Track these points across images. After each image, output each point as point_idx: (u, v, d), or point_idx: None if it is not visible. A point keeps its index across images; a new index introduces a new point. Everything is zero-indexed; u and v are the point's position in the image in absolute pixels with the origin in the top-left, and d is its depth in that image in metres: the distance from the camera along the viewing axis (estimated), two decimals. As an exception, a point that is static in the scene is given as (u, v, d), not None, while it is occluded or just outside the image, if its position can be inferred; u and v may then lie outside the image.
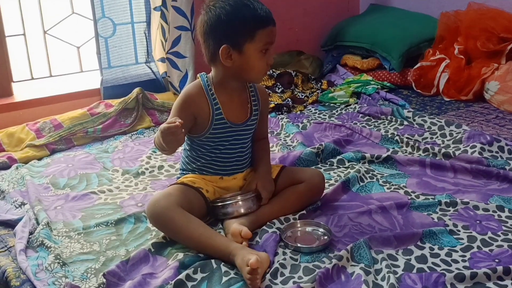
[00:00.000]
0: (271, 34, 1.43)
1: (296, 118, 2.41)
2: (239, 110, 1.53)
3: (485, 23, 2.57)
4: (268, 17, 1.43)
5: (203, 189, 1.47)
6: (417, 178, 1.76)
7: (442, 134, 2.10)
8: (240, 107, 1.53)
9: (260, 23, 1.41)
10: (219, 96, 1.50)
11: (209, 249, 1.30)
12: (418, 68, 2.71)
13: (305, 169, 1.71)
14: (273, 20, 1.44)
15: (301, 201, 1.54)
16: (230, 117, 1.50)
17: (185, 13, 2.44)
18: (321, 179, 1.58)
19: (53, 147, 2.11)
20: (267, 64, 1.45)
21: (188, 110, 1.47)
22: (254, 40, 1.41)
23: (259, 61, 1.43)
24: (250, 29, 1.41)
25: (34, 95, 2.41)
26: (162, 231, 1.39)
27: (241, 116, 1.53)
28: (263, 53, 1.43)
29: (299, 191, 1.53)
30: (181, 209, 1.35)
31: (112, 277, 1.25)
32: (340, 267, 1.26)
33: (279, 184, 1.55)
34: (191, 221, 1.34)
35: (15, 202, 1.65)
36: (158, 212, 1.35)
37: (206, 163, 1.53)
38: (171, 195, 1.39)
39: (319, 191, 1.58)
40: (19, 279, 1.24)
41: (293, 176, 1.57)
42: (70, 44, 2.67)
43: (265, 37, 1.42)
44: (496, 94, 2.41)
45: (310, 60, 3.07)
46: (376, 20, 3.07)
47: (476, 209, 1.53)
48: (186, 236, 1.33)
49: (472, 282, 1.20)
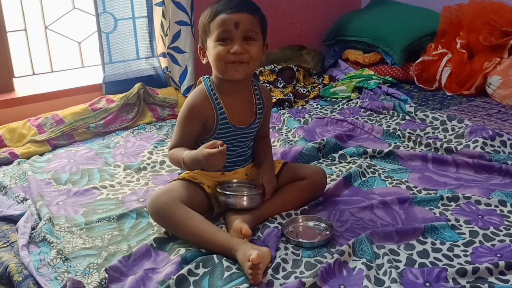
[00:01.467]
0: (223, 22, 1.39)
1: (297, 113, 2.40)
2: (244, 113, 1.51)
3: (488, 16, 2.56)
4: (223, 6, 1.40)
5: (204, 184, 1.47)
6: (419, 173, 1.76)
7: (444, 129, 2.09)
8: (245, 110, 1.51)
9: (213, 15, 1.41)
10: (223, 99, 1.48)
11: (210, 244, 1.30)
12: (420, 63, 2.70)
13: (307, 166, 1.70)
14: (232, 7, 1.39)
15: (303, 197, 1.54)
16: (235, 121, 1.49)
17: (185, 8, 2.43)
18: (323, 175, 1.57)
19: (55, 142, 2.11)
20: (228, 52, 1.39)
21: (194, 121, 1.47)
22: (210, 33, 1.42)
23: (213, 49, 1.40)
24: (206, 24, 1.43)
25: (36, 91, 2.41)
26: (163, 226, 1.39)
27: (246, 119, 1.51)
28: (220, 43, 1.40)
29: (301, 187, 1.53)
30: (182, 205, 1.35)
31: (114, 272, 1.25)
32: (342, 262, 1.26)
33: (281, 180, 1.54)
34: (192, 216, 1.34)
35: (17, 198, 1.65)
36: (159, 208, 1.35)
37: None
38: (172, 190, 1.39)
39: (321, 187, 1.58)
40: (22, 274, 1.24)
41: (296, 172, 1.56)
42: (71, 39, 2.66)
43: (216, 27, 1.39)
44: (498, 89, 2.40)
45: (312, 55, 3.06)
46: (378, 15, 3.06)
47: (478, 203, 1.53)
48: (188, 232, 1.33)
49: (474, 277, 1.20)
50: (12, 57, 2.41)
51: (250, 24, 1.40)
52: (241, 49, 1.38)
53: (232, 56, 1.39)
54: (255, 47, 1.41)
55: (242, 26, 1.39)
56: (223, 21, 1.39)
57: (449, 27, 2.70)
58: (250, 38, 1.41)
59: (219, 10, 1.40)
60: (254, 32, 1.41)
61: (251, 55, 1.40)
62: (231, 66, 1.40)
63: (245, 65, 1.41)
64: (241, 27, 1.39)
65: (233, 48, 1.38)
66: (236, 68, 1.40)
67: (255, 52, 1.41)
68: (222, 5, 1.41)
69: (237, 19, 1.38)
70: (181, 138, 1.49)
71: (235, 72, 1.41)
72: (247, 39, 1.40)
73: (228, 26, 1.38)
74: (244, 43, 1.40)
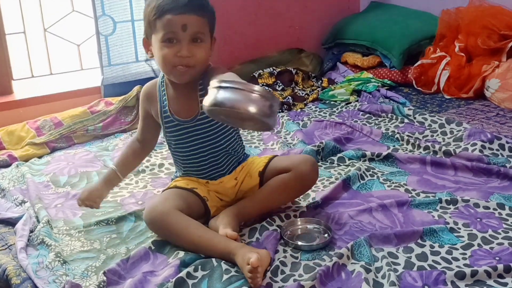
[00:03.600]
0: (170, 23, 1.32)
1: (296, 116, 2.40)
2: (186, 105, 1.43)
3: (486, 20, 2.56)
4: (170, 5, 1.32)
5: (197, 189, 1.46)
6: (417, 176, 1.76)
7: (443, 132, 2.09)
8: (187, 101, 1.43)
9: (160, 12, 1.32)
10: (169, 91, 1.45)
11: (209, 250, 1.30)
12: (419, 66, 2.70)
13: (293, 157, 1.60)
14: (180, 7, 1.31)
15: (288, 191, 1.47)
16: (177, 112, 1.44)
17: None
18: (310, 165, 1.46)
19: (54, 145, 2.11)
20: (175, 55, 1.33)
21: (144, 109, 1.53)
22: (156, 30, 1.35)
23: (159, 51, 1.35)
24: (151, 19, 1.35)
25: (35, 93, 2.41)
26: (161, 236, 1.37)
27: (189, 111, 1.43)
28: (166, 44, 1.34)
29: (285, 181, 1.44)
30: (179, 213, 1.34)
31: (112, 275, 1.25)
32: (340, 265, 1.26)
33: (267, 175, 1.49)
34: (189, 224, 1.33)
35: (15, 200, 1.65)
36: (155, 218, 1.34)
37: (185, 167, 1.51)
38: (167, 199, 1.38)
39: (308, 179, 1.48)
40: (20, 277, 1.24)
41: (280, 164, 1.48)
42: (70, 42, 2.67)
43: (162, 27, 1.33)
44: (497, 92, 2.40)
45: (311, 58, 3.07)
46: (377, 18, 3.06)
47: (477, 206, 1.53)
48: (185, 240, 1.32)
49: (473, 280, 1.20)
50: (11, 60, 2.41)
51: (198, 26, 1.34)
52: (188, 53, 1.33)
53: (178, 60, 1.34)
54: (202, 50, 1.36)
55: (190, 28, 1.33)
56: (170, 22, 1.32)
57: (447, 31, 2.71)
58: (198, 39, 1.35)
59: (166, 9, 1.32)
60: (202, 33, 1.35)
61: (198, 59, 1.35)
62: (177, 70, 1.35)
63: (191, 69, 1.36)
64: (189, 29, 1.33)
65: (180, 51, 1.33)
66: (182, 71, 1.35)
67: (202, 56, 1.36)
68: (169, 1, 1.32)
69: (184, 21, 1.32)
70: (140, 129, 1.56)
71: (180, 76, 1.37)
72: (195, 40, 1.35)
73: (175, 28, 1.32)
74: (192, 45, 1.34)
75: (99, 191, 1.52)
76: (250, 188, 1.50)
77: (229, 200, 1.51)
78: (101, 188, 1.52)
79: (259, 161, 1.54)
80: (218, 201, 1.50)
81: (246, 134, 2.21)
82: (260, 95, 1.07)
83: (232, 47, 2.87)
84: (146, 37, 1.42)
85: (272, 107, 1.10)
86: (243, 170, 1.52)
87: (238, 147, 1.52)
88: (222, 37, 2.81)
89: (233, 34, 2.87)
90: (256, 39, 2.96)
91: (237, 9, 2.87)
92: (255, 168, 1.52)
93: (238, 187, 1.51)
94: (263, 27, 2.98)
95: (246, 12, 2.91)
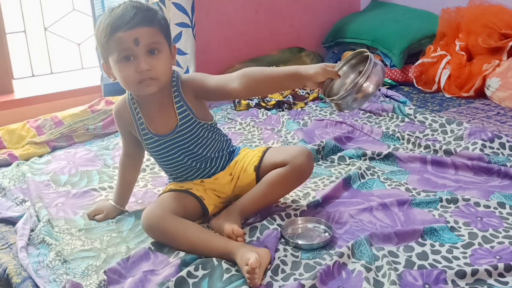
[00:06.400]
0: (121, 40, 1.28)
1: (297, 115, 2.40)
2: (164, 119, 1.41)
3: (487, 19, 2.56)
4: (117, 22, 1.28)
5: (192, 189, 1.45)
6: (418, 175, 1.76)
7: (443, 131, 2.09)
8: (164, 115, 1.41)
9: (109, 32, 1.28)
10: (142, 108, 1.42)
11: (208, 252, 1.29)
12: (419, 65, 2.70)
13: (288, 149, 1.56)
14: (127, 22, 1.27)
15: (287, 185, 1.47)
16: (155, 129, 1.42)
17: (186, 9, 2.44)
18: (306, 158, 1.44)
19: (54, 144, 2.11)
20: (136, 71, 1.30)
21: (122, 129, 1.51)
22: (111, 51, 1.31)
23: (120, 72, 1.32)
24: (103, 42, 1.31)
25: (35, 92, 2.41)
26: (160, 241, 1.36)
27: (167, 125, 1.41)
28: (124, 63, 1.31)
29: (282, 175, 1.43)
30: (176, 216, 1.34)
31: (113, 274, 1.25)
32: (341, 264, 1.26)
33: (263, 169, 1.48)
34: (187, 227, 1.33)
35: (16, 199, 1.65)
36: (153, 223, 1.33)
37: (175, 174, 1.50)
38: (163, 203, 1.38)
39: (306, 171, 1.47)
40: (20, 276, 1.24)
41: (276, 158, 1.46)
42: (70, 41, 2.67)
43: (115, 47, 1.29)
44: (497, 91, 2.40)
45: (311, 57, 3.07)
46: (377, 17, 3.06)
47: (477, 205, 1.53)
48: (184, 243, 1.31)
49: (473, 279, 1.20)
50: (11, 59, 2.41)
51: (150, 37, 1.30)
52: (147, 66, 1.30)
53: (140, 75, 1.30)
54: (161, 61, 1.32)
55: (143, 41, 1.29)
56: (121, 40, 1.28)
57: (448, 29, 2.71)
58: (154, 50, 1.31)
59: (114, 27, 1.28)
60: (157, 43, 1.32)
61: (159, 70, 1.32)
62: (142, 85, 1.32)
63: (156, 80, 1.33)
64: (142, 42, 1.29)
65: (138, 66, 1.29)
66: (148, 84, 1.32)
67: (162, 66, 1.33)
68: (116, 20, 1.28)
69: (135, 36, 1.28)
70: (124, 144, 1.55)
71: (147, 88, 1.33)
72: (152, 52, 1.31)
73: (128, 44, 1.28)
74: (149, 57, 1.30)
75: (108, 215, 1.55)
76: (247, 183, 1.49)
77: (227, 196, 1.51)
78: (112, 213, 1.56)
79: (253, 155, 1.52)
80: (216, 198, 1.50)
81: (247, 134, 2.21)
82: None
83: (232, 46, 2.87)
84: (104, 61, 1.38)
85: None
86: (238, 165, 1.51)
87: (224, 145, 1.51)
88: (223, 36, 2.81)
89: (234, 33, 2.87)
90: (256, 38, 2.96)
91: (238, 8, 2.87)
92: (250, 163, 1.51)
93: (235, 183, 1.51)
94: (264, 26, 2.98)
95: (247, 10, 2.91)
